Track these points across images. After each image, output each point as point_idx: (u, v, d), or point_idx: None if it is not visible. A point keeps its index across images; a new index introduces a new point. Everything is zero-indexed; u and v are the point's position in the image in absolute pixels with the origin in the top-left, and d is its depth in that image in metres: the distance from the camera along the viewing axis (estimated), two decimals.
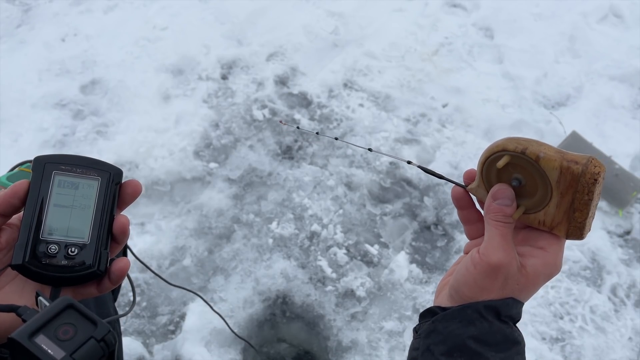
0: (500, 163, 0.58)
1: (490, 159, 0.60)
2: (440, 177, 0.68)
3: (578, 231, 0.58)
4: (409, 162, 0.68)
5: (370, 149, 0.71)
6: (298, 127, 0.83)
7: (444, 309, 0.62)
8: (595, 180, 0.55)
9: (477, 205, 0.66)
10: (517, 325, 0.62)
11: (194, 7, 3.08)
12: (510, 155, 0.58)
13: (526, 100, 2.70)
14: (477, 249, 0.60)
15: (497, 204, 0.60)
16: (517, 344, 0.59)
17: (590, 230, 0.59)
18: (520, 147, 0.58)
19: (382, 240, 2.22)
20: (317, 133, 0.76)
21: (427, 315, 0.64)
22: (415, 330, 0.65)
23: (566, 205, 0.57)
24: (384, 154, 0.69)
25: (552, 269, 0.60)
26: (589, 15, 3.04)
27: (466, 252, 0.66)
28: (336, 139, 0.74)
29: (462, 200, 0.66)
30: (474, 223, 0.66)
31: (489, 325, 0.58)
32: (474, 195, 0.65)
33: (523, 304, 0.61)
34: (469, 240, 0.68)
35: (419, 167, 0.68)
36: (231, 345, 1.93)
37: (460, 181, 0.66)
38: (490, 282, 0.58)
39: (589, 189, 0.55)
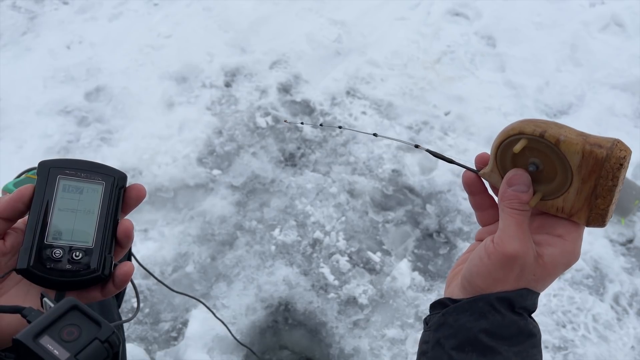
0: (517, 147, 0.54)
1: (505, 143, 0.57)
2: (451, 161, 0.64)
3: (600, 218, 0.55)
4: (416, 146, 0.65)
5: (375, 134, 0.68)
6: (302, 123, 0.83)
7: (454, 300, 0.60)
8: (621, 165, 0.52)
9: (490, 191, 0.63)
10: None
11: (198, 16, 3.10)
12: (527, 139, 0.54)
13: (528, 108, 2.71)
14: (491, 238, 0.57)
15: (513, 190, 0.56)
16: (532, 336, 0.57)
17: (612, 216, 0.56)
18: (538, 130, 0.54)
19: (384, 247, 2.22)
20: (321, 125, 0.75)
21: (438, 306, 0.61)
22: (426, 321, 0.63)
23: (588, 192, 0.54)
24: (390, 138, 0.67)
25: (570, 258, 0.57)
26: (591, 24, 3.05)
27: (478, 240, 0.64)
28: (340, 127, 0.74)
29: (474, 186, 0.62)
30: (486, 209, 0.63)
31: (502, 318, 0.56)
32: (487, 180, 0.61)
33: (539, 294, 0.59)
34: (480, 228, 0.65)
35: (427, 150, 0.65)
36: (233, 352, 1.93)
37: (472, 165, 0.63)
38: (505, 273, 0.56)
39: (613, 174, 0.52)
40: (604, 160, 0.52)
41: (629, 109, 2.71)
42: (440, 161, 2.49)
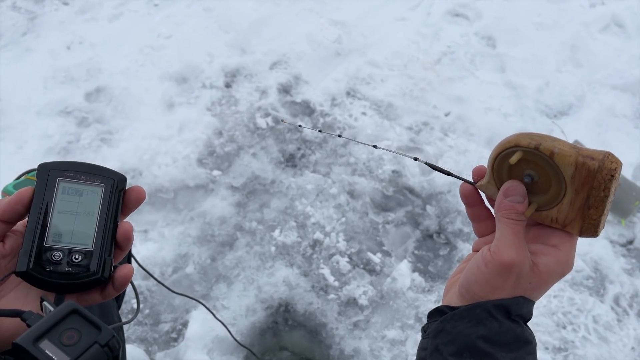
0: (513, 159, 0.57)
1: (501, 155, 0.59)
2: (448, 173, 0.66)
3: (593, 228, 0.57)
4: (415, 159, 0.67)
5: (375, 146, 0.69)
6: (300, 126, 0.83)
7: (452, 308, 0.61)
8: (612, 176, 0.54)
9: (486, 203, 0.64)
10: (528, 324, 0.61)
11: (198, 16, 3.10)
12: (523, 151, 0.57)
13: (528, 109, 2.71)
14: (488, 247, 0.59)
15: (509, 200, 0.58)
16: (528, 343, 0.59)
17: (604, 227, 0.58)
18: (533, 143, 0.56)
19: (384, 248, 2.22)
20: (319, 130, 0.76)
21: (436, 314, 0.63)
22: (424, 329, 0.64)
23: (581, 202, 0.56)
24: (389, 151, 0.68)
25: (564, 267, 0.59)
26: (591, 25, 3.05)
27: (475, 250, 0.65)
28: (339, 135, 0.74)
29: (471, 198, 0.64)
30: (483, 220, 0.65)
31: (499, 325, 0.57)
32: (484, 192, 0.63)
33: (534, 302, 0.60)
34: (477, 239, 0.66)
35: (426, 163, 0.66)
36: (233, 353, 1.93)
37: (469, 178, 0.65)
38: (502, 281, 0.57)
39: (605, 185, 0.54)
40: (596, 172, 0.54)
41: (629, 109, 2.71)
42: (441, 163, 2.50)
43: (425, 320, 0.65)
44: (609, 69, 2.85)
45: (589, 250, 2.21)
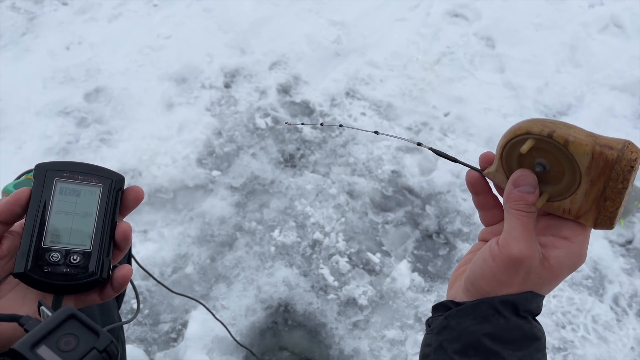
0: (524, 148, 0.53)
1: (511, 143, 0.55)
2: (454, 160, 0.63)
3: (608, 220, 0.54)
4: (419, 144, 0.65)
5: (376, 132, 0.66)
6: (303, 124, 0.83)
7: (457, 303, 0.59)
8: (632, 167, 0.50)
9: (494, 190, 0.62)
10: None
11: (198, 16, 3.10)
12: (535, 139, 0.53)
13: (528, 109, 2.70)
14: (496, 239, 0.56)
15: (519, 191, 0.55)
16: (536, 340, 0.56)
17: (620, 218, 0.56)
18: (546, 130, 0.52)
19: (384, 248, 2.22)
20: (321, 124, 0.75)
21: (440, 308, 0.61)
22: (428, 323, 0.62)
23: (596, 193, 0.53)
24: (392, 136, 0.67)
25: (577, 261, 0.56)
26: (590, 26, 3.05)
27: (481, 240, 0.63)
28: (340, 125, 0.74)
29: (478, 186, 0.61)
30: (490, 209, 0.62)
31: (506, 322, 0.55)
32: (491, 180, 0.60)
33: (544, 296, 0.58)
34: (484, 227, 0.64)
35: (430, 148, 0.64)
36: (233, 354, 1.93)
37: (476, 164, 0.62)
38: (511, 276, 0.54)
39: (624, 176, 0.50)
40: (615, 162, 0.50)
41: (629, 110, 2.71)
42: (440, 162, 2.50)
43: (424, 321, 0.64)
44: (608, 69, 2.85)
45: (588, 249, 2.20)
